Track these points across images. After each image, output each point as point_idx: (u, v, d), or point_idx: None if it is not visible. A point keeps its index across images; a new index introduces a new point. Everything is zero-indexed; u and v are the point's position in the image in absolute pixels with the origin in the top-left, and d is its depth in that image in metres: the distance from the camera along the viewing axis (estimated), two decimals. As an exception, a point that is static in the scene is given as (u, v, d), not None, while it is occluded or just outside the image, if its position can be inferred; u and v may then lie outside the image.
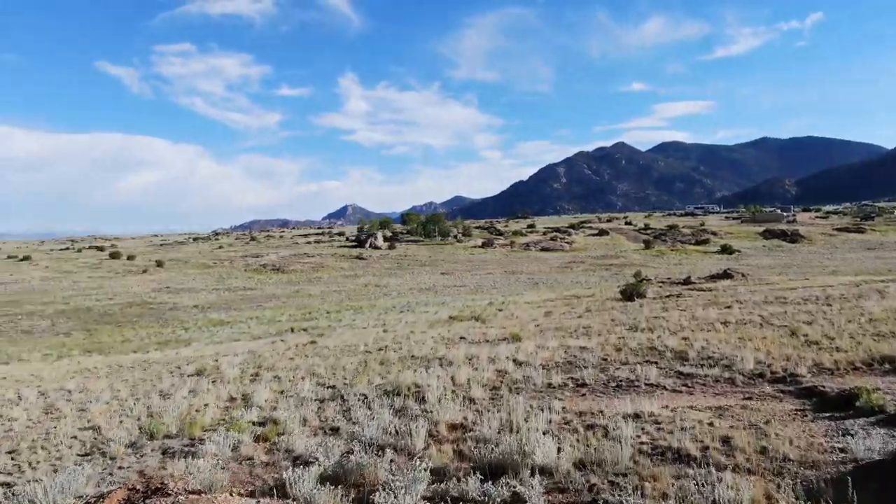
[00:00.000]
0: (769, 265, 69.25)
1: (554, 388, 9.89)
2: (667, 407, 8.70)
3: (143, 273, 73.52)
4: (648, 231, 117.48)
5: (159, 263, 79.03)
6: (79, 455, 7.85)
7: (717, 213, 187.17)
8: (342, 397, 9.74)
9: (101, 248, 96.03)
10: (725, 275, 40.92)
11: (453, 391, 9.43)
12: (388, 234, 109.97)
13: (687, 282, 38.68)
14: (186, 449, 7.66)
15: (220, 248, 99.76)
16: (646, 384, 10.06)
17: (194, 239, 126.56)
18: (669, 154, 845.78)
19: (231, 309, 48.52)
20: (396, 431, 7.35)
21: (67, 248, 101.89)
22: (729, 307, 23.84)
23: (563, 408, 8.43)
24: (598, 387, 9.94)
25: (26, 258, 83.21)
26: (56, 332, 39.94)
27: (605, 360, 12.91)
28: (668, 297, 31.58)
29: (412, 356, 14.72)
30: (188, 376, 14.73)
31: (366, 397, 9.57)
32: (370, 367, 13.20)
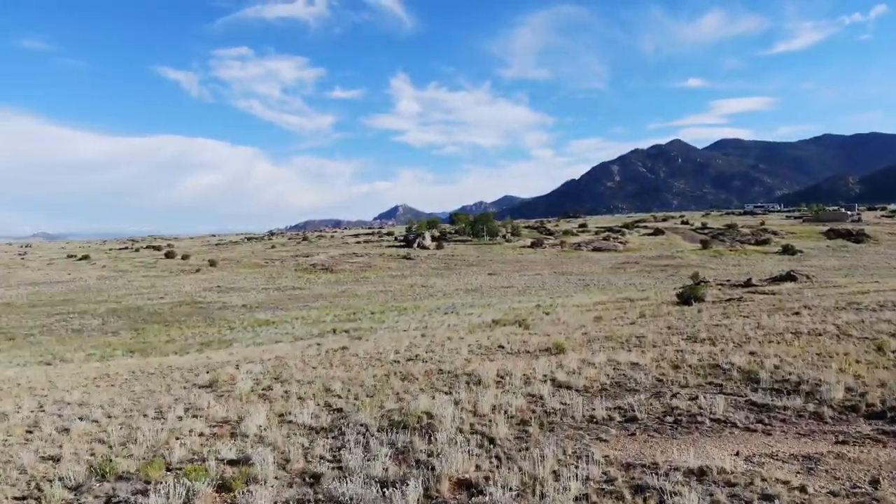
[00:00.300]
0: (834, 266, 64.86)
1: (597, 422, 8.05)
2: (739, 455, 6.77)
3: (196, 272, 74.25)
4: (706, 230, 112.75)
5: (212, 263, 79.81)
6: (14, 499, 6.54)
7: (778, 211, 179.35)
8: (341, 429, 8.16)
9: (157, 248, 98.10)
10: (789, 277, 37.84)
11: (472, 425, 7.73)
12: (436, 233, 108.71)
13: (748, 284, 35.82)
14: (132, 499, 6.24)
15: (272, 247, 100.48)
16: (711, 419, 8.10)
17: (248, 239, 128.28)
18: (727, 151, 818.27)
19: (278, 308, 47.96)
20: (384, 488, 5.70)
21: (126, 248, 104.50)
22: (797, 314, 21.33)
23: (606, 457, 6.61)
24: (651, 422, 8.05)
25: (85, 257, 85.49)
26: (105, 332, 39.96)
27: (661, 380, 10.97)
28: (728, 301, 29.02)
29: (440, 370, 13.07)
30: (199, 388, 13.48)
31: (367, 430, 7.97)
32: (390, 384, 11.62)
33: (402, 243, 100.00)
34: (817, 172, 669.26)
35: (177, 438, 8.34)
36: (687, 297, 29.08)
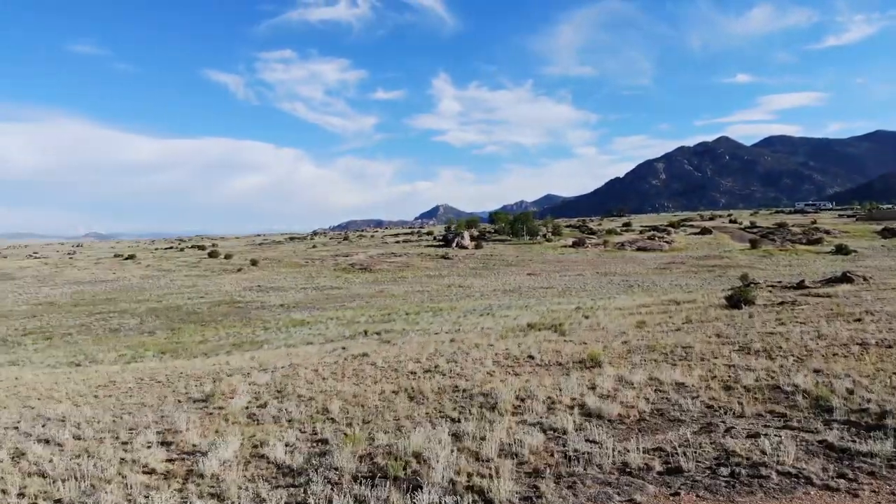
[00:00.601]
0: (890, 267, 60.59)
1: (630, 472, 6.28)
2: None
3: (238, 272, 74.37)
4: (754, 229, 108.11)
5: (254, 262, 79.94)
6: None
7: (830, 210, 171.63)
8: (309, 475, 6.60)
9: (202, 248, 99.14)
10: (844, 278, 34.82)
11: (469, 476, 6.08)
12: (475, 233, 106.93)
13: (801, 286, 33.07)
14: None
15: (313, 247, 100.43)
16: (779, 471, 6.25)
17: (290, 238, 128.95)
18: (776, 148, 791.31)
19: (314, 308, 47.06)
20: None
21: (171, 248, 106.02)
22: (859, 320, 18.92)
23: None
24: (700, 474, 6.22)
25: (131, 257, 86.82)
26: (142, 331, 39.62)
27: (711, 407, 9.10)
28: (780, 304, 26.50)
29: (455, 388, 11.45)
30: (193, 402, 12.20)
31: (340, 476, 6.41)
32: (394, 406, 10.06)
33: (440, 243, 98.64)
34: (870, 170, 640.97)
35: (123, 476, 6.97)
36: (736, 300, 26.75)
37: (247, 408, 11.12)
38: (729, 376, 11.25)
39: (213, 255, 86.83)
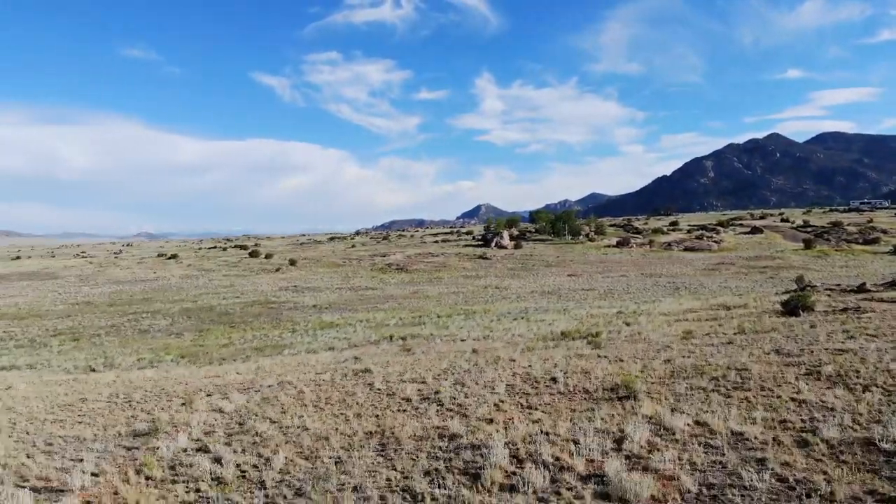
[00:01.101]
0: (958, 268, 55.19)
1: None
2: None
3: (276, 272, 73.36)
4: (808, 229, 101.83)
5: (292, 262, 78.86)
6: None
7: (886, 208, 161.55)
8: None
9: (244, 247, 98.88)
10: (908, 280, 31.10)
11: None
12: (515, 232, 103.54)
13: (862, 289, 29.30)
14: None
15: (352, 247, 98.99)
16: None
17: (331, 238, 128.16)
18: (829, 145, 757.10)
19: (346, 309, 45.18)
20: None
21: (215, 247, 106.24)
22: (938, 330, 15.85)
23: None
24: None
25: (173, 257, 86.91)
26: (170, 333, 38.35)
27: (785, 481, 6.31)
28: (843, 311, 22.99)
29: (442, 432, 8.89)
30: (134, 436, 10.03)
31: None
32: (352, 462, 7.61)
33: (479, 242, 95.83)
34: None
35: None
36: (794, 306, 23.38)
37: (181, 453, 8.85)
38: (802, 421, 8.37)
39: (253, 254, 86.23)
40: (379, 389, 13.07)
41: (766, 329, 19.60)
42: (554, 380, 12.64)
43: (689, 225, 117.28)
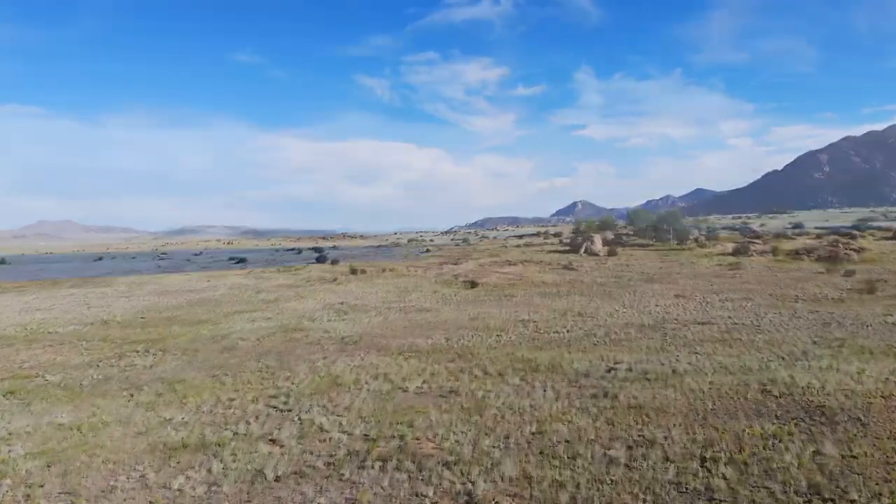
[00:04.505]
0: None
1: None
2: None
3: (332, 282, 61.87)
4: None
5: (353, 271, 67.25)
6: None
7: None
8: None
9: (318, 249, 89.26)
10: None
11: None
12: (609, 236, 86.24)
13: None
14: None
15: (426, 251, 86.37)
16: None
17: (409, 240, 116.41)
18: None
19: (376, 349, 32.05)
20: None
21: (292, 249, 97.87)
22: None
23: None
24: None
25: (241, 260, 78.33)
26: (139, 385, 27.07)
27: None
28: None
29: None
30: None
31: None
32: None
33: (566, 248, 79.84)
34: None
35: None
36: None
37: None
38: None
39: (321, 259, 76.22)
40: None
41: None
42: None
43: (817, 228, 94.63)
